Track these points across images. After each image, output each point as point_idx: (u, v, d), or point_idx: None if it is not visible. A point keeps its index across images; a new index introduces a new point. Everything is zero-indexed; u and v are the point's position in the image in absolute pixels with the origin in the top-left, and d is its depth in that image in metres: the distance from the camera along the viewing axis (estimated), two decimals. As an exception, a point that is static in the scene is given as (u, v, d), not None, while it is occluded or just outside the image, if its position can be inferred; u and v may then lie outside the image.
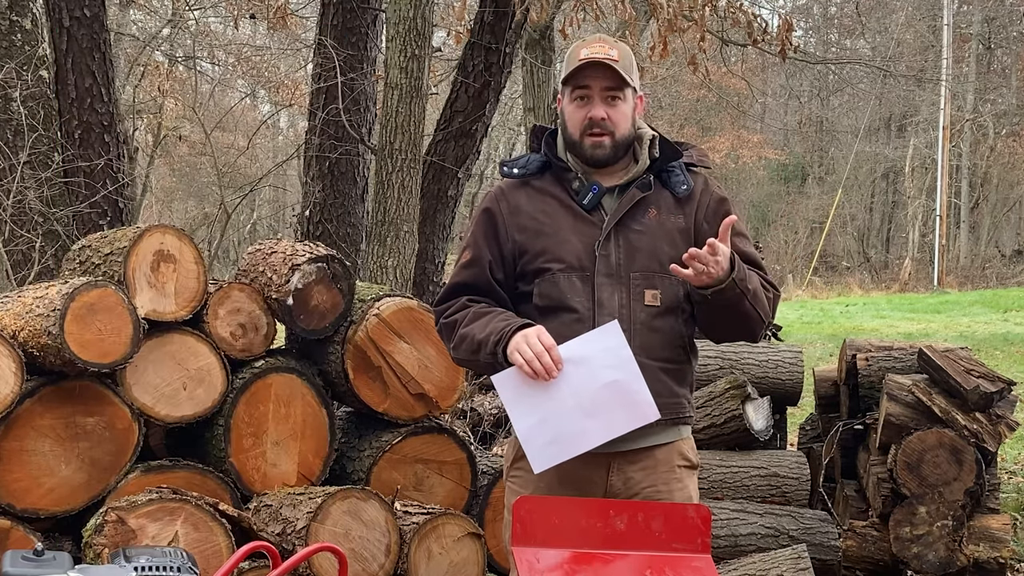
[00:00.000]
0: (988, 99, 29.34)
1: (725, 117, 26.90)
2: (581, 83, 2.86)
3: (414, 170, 6.18)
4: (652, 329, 2.84)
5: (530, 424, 2.75)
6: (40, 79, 6.21)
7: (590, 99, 2.86)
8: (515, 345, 2.72)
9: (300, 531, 3.73)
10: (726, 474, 4.90)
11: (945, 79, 24.44)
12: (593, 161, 2.89)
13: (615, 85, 2.85)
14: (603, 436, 2.73)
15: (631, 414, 2.73)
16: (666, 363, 2.86)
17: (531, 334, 2.72)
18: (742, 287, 2.77)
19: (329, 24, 7.42)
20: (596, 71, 2.84)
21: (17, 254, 5.98)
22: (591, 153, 2.88)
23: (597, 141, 2.86)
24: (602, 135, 2.86)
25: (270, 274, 4.15)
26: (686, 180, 2.94)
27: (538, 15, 7.21)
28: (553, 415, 2.72)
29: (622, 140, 2.89)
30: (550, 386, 2.72)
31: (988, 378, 4.85)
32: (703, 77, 10.64)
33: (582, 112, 2.87)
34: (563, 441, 2.73)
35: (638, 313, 2.83)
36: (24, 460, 3.72)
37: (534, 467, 2.75)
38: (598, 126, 2.85)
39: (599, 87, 2.85)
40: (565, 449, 2.73)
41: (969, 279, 24.83)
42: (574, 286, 2.83)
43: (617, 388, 2.72)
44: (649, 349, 2.82)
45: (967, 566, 4.80)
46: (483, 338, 2.78)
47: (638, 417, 2.73)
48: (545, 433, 2.73)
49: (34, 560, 2.25)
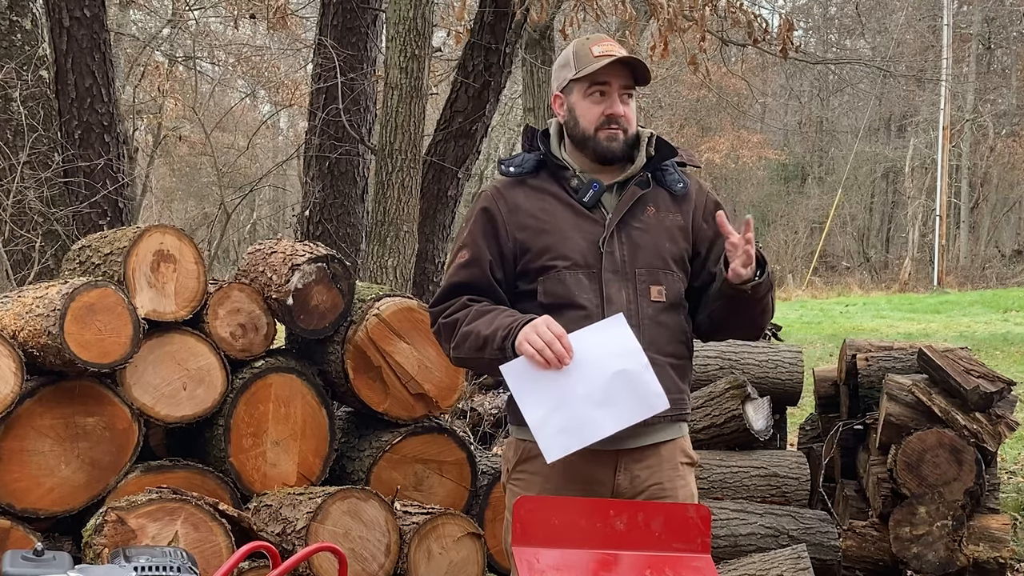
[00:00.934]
0: (988, 99, 29.34)
1: (725, 117, 26.90)
2: (600, 79, 2.87)
3: (414, 170, 6.18)
4: (659, 324, 2.86)
5: (541, 414, 2.73)
6: (40, 79, 6.21)
7: (608, 95, 2.88)
8: (524, 336, 2.72)
9: (300, 531, 3.73)
10: (726, 474, 4.90)
11: (945, 79, 24.45)
12: (607, 155, 2.90)
13: (632, 83, 2.90)
14: (614, 425, 2.72)
15: (641, 404, 2.72)
16: (672, 358, 2.88)
17: (540, 324, 2.73)
18: (772, 277, 2.84)
19: (329, 24, 7.43)
20: (616, 68, 2.86)
21: (17, 254, 5.98)
22: (606, 146, 2.89)
23: (613, 134, 2.88)
24: (618, 130, 2.89)
25: (270, 274, 4.15)
26: (682, 178, 2.98)
27: (538, 15, 7.21)
28: (564, 404, 2.71)
29: (632, 137, 2.93)
30: (559, 376, 2.71)
31: (988, 378, 4.85)
32: (703, 77, 10.64)
33: (599, 108, 2.88)
34: (574, 430, 2.71)
35: (645, 309, 2.85)
36: (24, 460, 3.73)
37: (547, 457, 2.73)
38: (616, 122, 2.88)
39: (619, 84, 2.88)
40: (577, 438, 2.71)
41: (969, 279, 24.83)
42: (581, 283, 2.84)
43: (626, 378, 2.71)
44: (658, 344, 2.84)
45: (967, 566, 4.80)
46: (489, 334, 2.78)
47: (648, 407, 2.73)
48: (556, 422, 2.72)
49: (34, 560, 2.25)
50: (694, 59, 8.39)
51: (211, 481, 3.97)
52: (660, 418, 2.85)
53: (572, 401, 2.71)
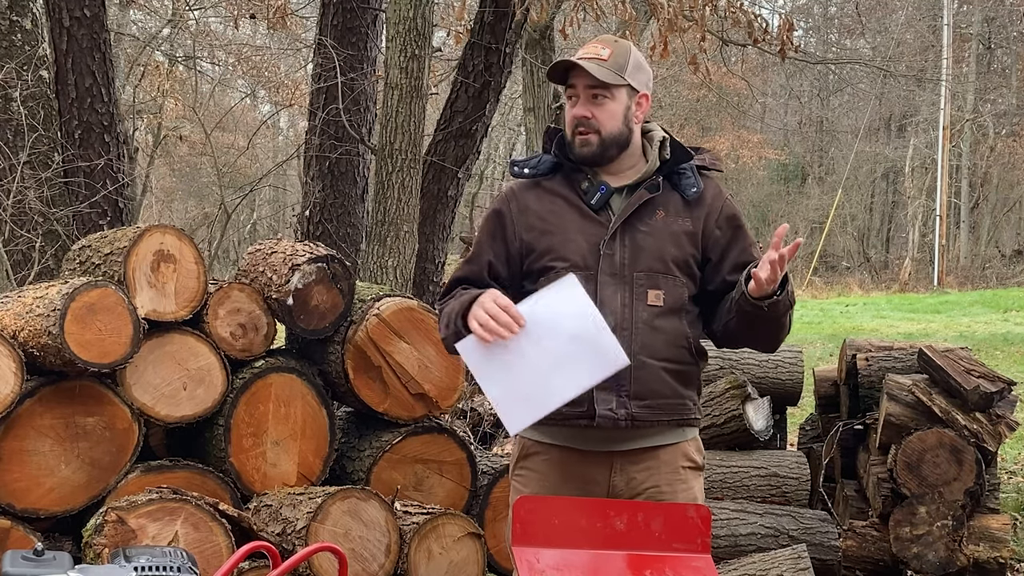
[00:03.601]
0: (988, 99, 29.33)
1: (725, 117, 26.90)
2: (569, 83, 2.91)
3: (414, 170, 6.18)
4: (654, 329, 2.85)
5: (500, 388, 2.70)
6: (40, 79, 6.21)
7: (577, 98, 2.90)
8: (472, 314, 2.72)
9: (300, 531, 3.73)
10: (726, 474, 4.90)
11: (945, 79, 24.45)
12: (580, 159, 2.91)
13: (595, 83, 2.87)
14: (574, 390, 2.67)
15: (599, 364, 2.67)
16: (668, 363, 2.86)
17: (485, 298, 2.72)
18: (792, 299, 2.80)
19: (329, 24, 7.42)
20: (578, 70, 2.87)
21: (17, 254, 5.98)
22: (578, 151, 2.90)
23: (583, 139, 2.88)
24: (587, 133, 2.88)
25: (270, 274, 4.15)
26: (696, 183, 2.94)
27: (538, 15, 7.21)
28: (521, 375, 2.67)
29: (610, 138, 2.89)
30: (513, 346, 2.67)
31: (988, 378, 4.85)
32: (703, 77, 10.63)
33: (571, 112, 2.91)
34: (535, 399, 2.67)
35: (640, 312, 2.84)
36: (24, 460, 3.72)
37: (509, 429, 2.73)
38: (582, 124, 2.88)
39: (583, 85, 2.88)
40: (538, 407, 2.67)
41: (969, 279, 24.83)
42: None
43: (582, 339, 2.67)
44: (651, 348, 2.83)
45: (967, 566, 4.80)
46: (454, 316, 2.79)
47: (606, 365, 2.67)
48: (516, 393, 2.68)
49: (34, 560, 2.25)
50: (694, 59, 8.38)
51: (211, 481, 3.97)
52: (657, 421, 2.85)
53: (529, 370, 2.67)
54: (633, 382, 2.80)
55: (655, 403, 2.85)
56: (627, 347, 2.77)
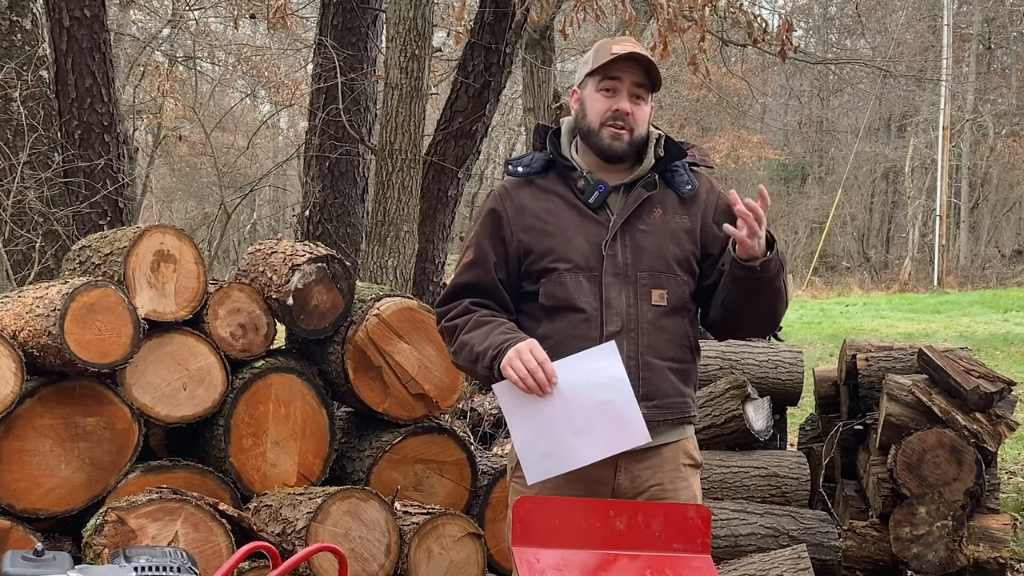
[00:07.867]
0: (988, 99, 29.34)
1: (725, 117, 26.91)
2: (612, 74, 2.85)
3: (414, 170, 6.18)
4: (659, 328, 2.84)
5: (527, 435, 2.77)
6: (40, 79, 6.21)
7: (617, 92, 2.86)
8: (508, 360, 2.72)
9: (300, 531, 3.73)
10: (726, 474, 4.90)
11: (945, 79, 24.45)
12: (608, 153, 2.87)
13: (644, 83, 2.86)
14: (593, 456, 2.74)
15: (622, 436, 2.73)
16: (672, 362, 2.87)
17: (524, 349, 2.72)
18: (782, 257, 2.80)
19: (329, 24, 7.43)
20: (629, 65, 2.84)
21: (17, 254, 5.98)
22: (608, 144, 2.87)
23: (617, 133, 2.86)
24: (623, 129, 2.86)
25: (270, 274, 4.15)
26: (690, 180, 2.94)
27: (538, 15, 7.20)
28: (547, 429, 2.74)
29: (639, 140, 2.89)
30: (544, 401, 2.72)
31: (988, 378, 4.85)
32: (703, 77, 10.63)
33: (607, 103, 2.86)
34: (555, 456, 2.74)
35: (645, 312, 2.83)
36: (24, 460, 3.72)
37: (528, 479, 2.78)
38: (621, 119, 2.85)
39: (629, 81, 2.85)
40: (557, 464, 2.75)
41: (969, 279, 24.84)
42: (581, 286, 2.83)
43: (609, 409, 2.72)
44: (656, 348, 2.83)
45: (967, 566, 4.80)
46: (481, 351, 2.78)
47: (628, 440, 2.73)
48: (540, 446, 2.75)
49: (34, 560, 2.25)
50: (694, 59, 8.38)
51: (211, 481, 3.97)
52: (663, 421, 2.85)
53: (554, 427, 2.73)
54: (642, 384, 2.80)
55: (662, 403, 2.85)
56: (634, 348, 2.79)
